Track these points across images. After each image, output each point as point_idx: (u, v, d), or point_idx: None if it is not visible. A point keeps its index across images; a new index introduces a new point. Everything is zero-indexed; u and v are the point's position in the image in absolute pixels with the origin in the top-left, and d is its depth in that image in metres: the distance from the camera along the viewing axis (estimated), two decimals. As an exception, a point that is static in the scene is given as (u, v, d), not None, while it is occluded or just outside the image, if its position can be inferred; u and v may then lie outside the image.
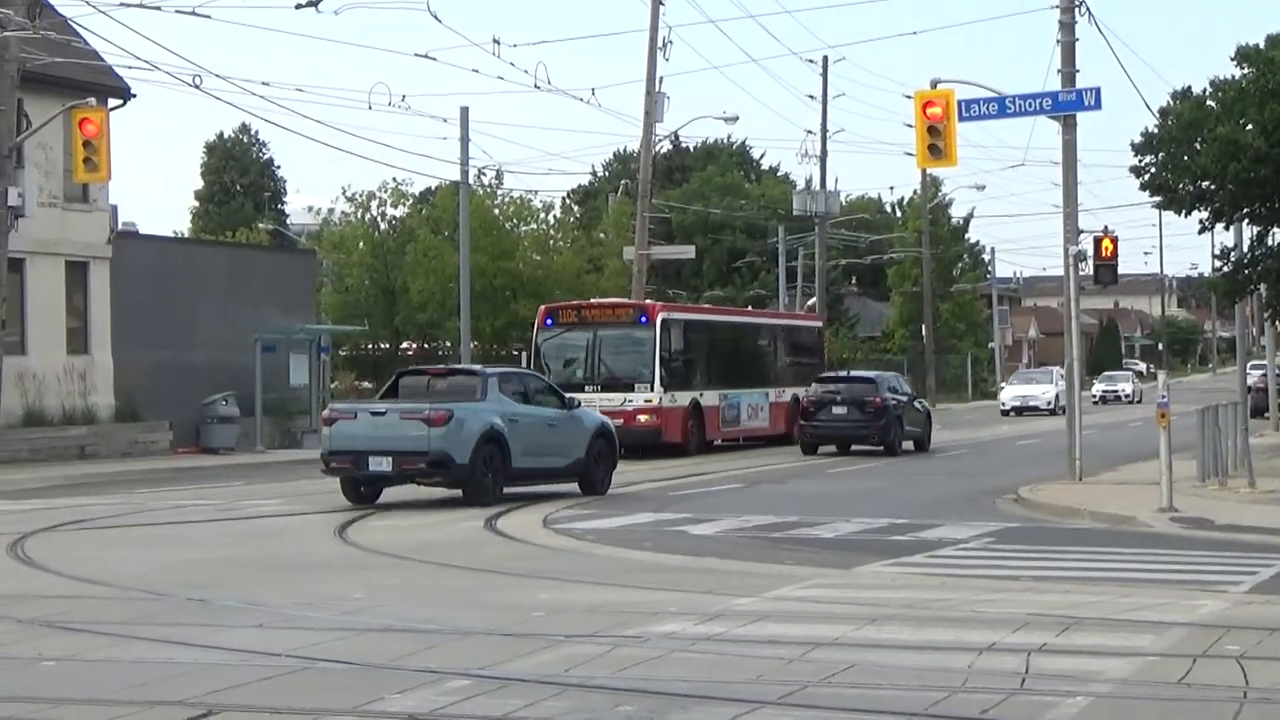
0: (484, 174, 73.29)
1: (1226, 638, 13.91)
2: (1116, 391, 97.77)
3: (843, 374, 54.25)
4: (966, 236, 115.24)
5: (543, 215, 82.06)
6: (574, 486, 31.28)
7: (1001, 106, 34.77)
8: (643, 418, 43.92)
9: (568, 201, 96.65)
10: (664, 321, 46.16)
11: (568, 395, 32.69)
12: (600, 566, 20.33)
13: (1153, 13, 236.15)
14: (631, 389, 44.56)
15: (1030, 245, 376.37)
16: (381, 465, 28.51)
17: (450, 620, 15.37)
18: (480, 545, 23.07)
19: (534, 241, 79.15)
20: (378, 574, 19.67)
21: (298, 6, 40.51)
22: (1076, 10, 35.79)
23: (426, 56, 54.86)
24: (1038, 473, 35.62)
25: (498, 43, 53.14)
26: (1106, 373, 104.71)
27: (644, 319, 46.00)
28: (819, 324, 65.17)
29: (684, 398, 46.03)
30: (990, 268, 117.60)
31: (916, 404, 51.00)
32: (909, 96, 35.56)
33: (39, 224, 41.77)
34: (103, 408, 46.59)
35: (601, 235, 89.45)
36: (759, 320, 61.37)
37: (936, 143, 33.39)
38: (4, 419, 39.44)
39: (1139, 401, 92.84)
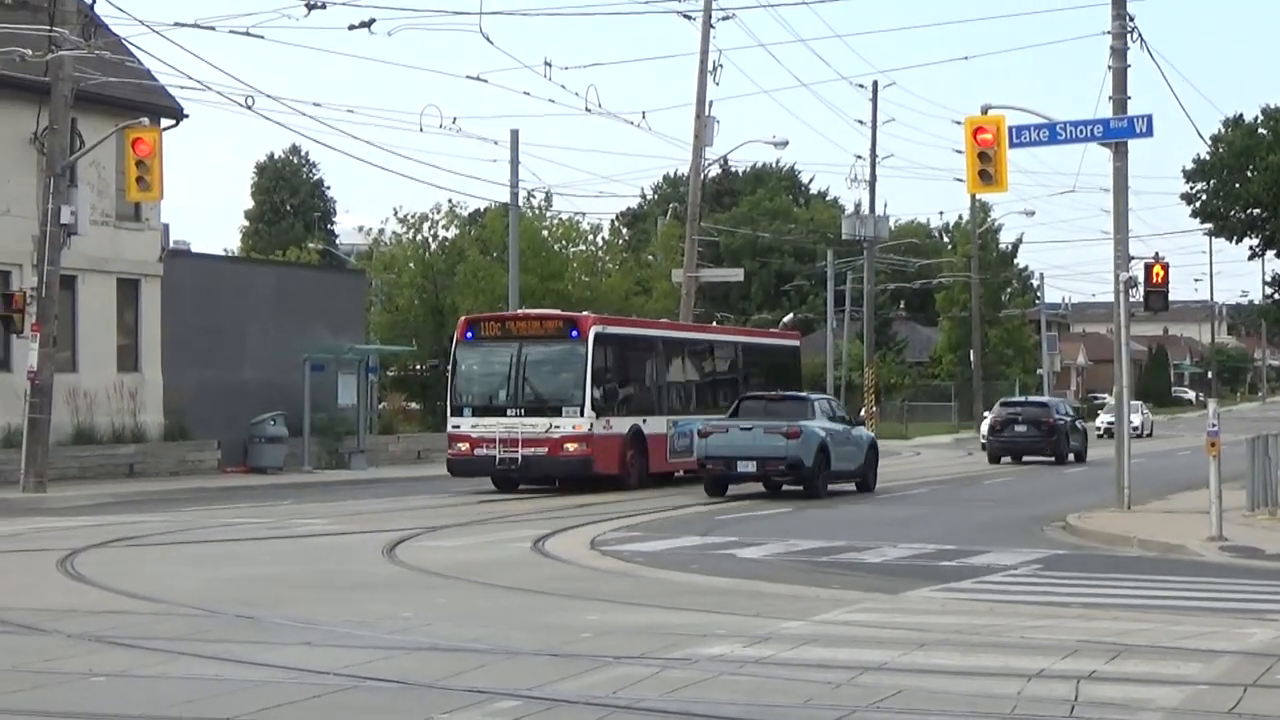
0: (534, 196, 73.50)
1: (1277, 667, 13.83)
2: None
3: (1021, 399, 66.36)
4: (1015, 262, 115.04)
5: (591, 237, 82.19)
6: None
7: (1052, 133, 34.63)
8: (570, 446, 38.42)
9: (617, 224, 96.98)
10: (599, 336, 40.01)
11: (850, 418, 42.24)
12: (648, 588, 20.31)
13: (1205, 39, 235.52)
14: (559, 413, 38.92)
15: (1080, 271, 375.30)
16: (748, 467, 37.86)
17: (498, 640, 15.37)
18: (528, 566, 23.09)
19: (583, 263, 79.23)
20: (426, 593, 19.69)
21: (351, 28, 40.83)
22: (1129, 37, 35.62)
23: (478, 79, 55.31)
24: (1085, 500, 35.50)
25: (549, 65, 53.57)
26: (1111, 404, 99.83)
27: (575, 333, 39.78)
28: (796, 343, 57.00)
29: (622, 424, 40.52)
30: (1039, 293, 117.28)
31: (1078, 424, 61.44)
32: (959, 122, 35.65)
33: (91, 242, 41.95)
34: (152, 426, 46.79)
35: (650, 257, 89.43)
36: (720, 338, 52.92)
37: (987, 168, 33.29)
38: (54, 436, 39.63)
39: (1149, 435, 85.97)
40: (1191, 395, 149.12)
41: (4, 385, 41.73)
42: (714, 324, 61.17)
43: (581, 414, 38.57)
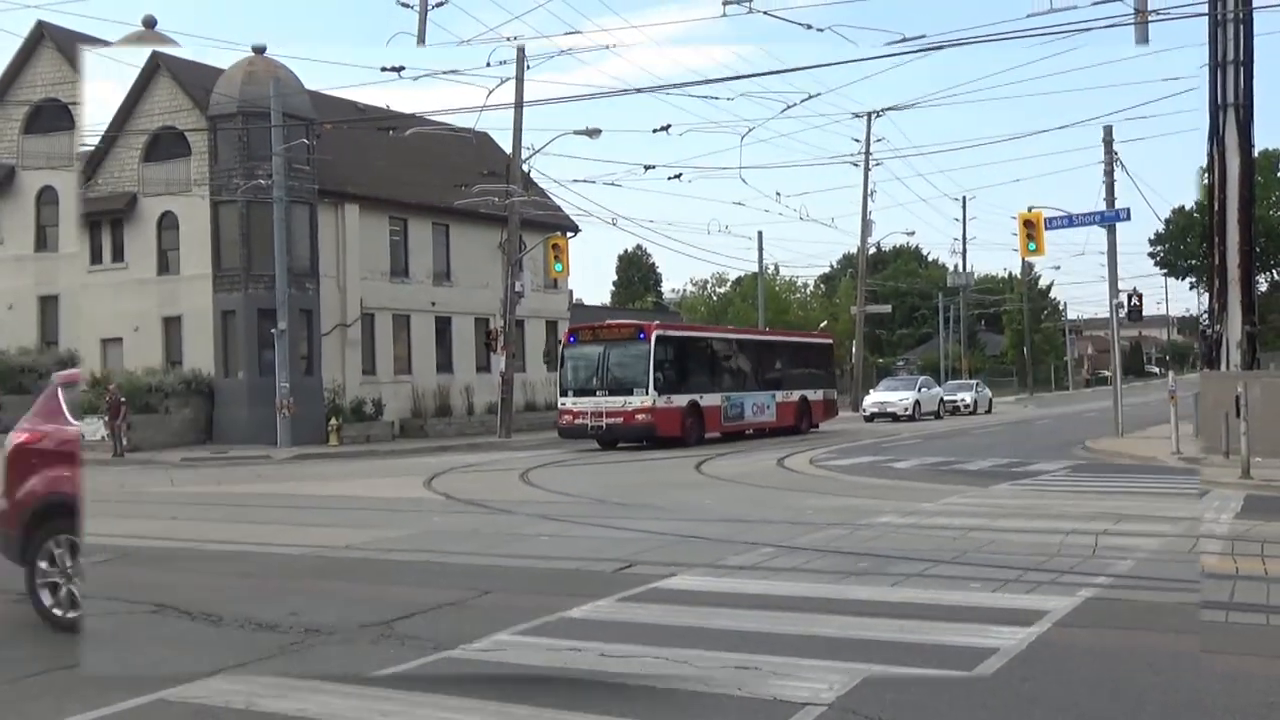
0: (771, 267, 73.15)
1: (1214, 527, 13.22)
2: (955, 401, 54.97)
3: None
4: (1050, 295, 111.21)
5: (804, 289, 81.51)
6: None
7: (1070, 220, 33.59)
8: (639, 416, 32.20)
9: (818, 281, 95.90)
10: (658, 338, 32.97)
11: None
12: (844, 485, 20.06)
13: (1161, 157, 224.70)
14: (631, 392, 32.31)
15: (1088, 299, 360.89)
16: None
17: (760, 514, 15.33)
18: (775, 473, 22.93)
19: (799, 304, 78.81)
20: (717, 490, 19.70)
21: (668, 179, 42.33)
22: (1115, 166, 34.51)
23: (739, 204, 55.55)
24: (1096, 432, 34.13)
25: (778, 194, 53.82)
26: (951, 383, 62.06)
27: (642, 336, 32.83)
28: (829, 341, 45.24)
29: (681, 399, 33.10)
30: (1064, 313, 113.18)
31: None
32: (1014, 217, 34.56)
33: (531, 301, 42.90)
34: (565, 400, 47.53)
35: (837, 300, 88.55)
36: (762, 338, 41.59)
37: (1032, 243, 32.40)
38: (515, 407, 40.52)
39: (984, 411, 56.18)
40: (1157, 370, 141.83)
41: (487, 380, 42.82)
42: (762, 327, 49.47)
43: (647, 392, 32.15)
